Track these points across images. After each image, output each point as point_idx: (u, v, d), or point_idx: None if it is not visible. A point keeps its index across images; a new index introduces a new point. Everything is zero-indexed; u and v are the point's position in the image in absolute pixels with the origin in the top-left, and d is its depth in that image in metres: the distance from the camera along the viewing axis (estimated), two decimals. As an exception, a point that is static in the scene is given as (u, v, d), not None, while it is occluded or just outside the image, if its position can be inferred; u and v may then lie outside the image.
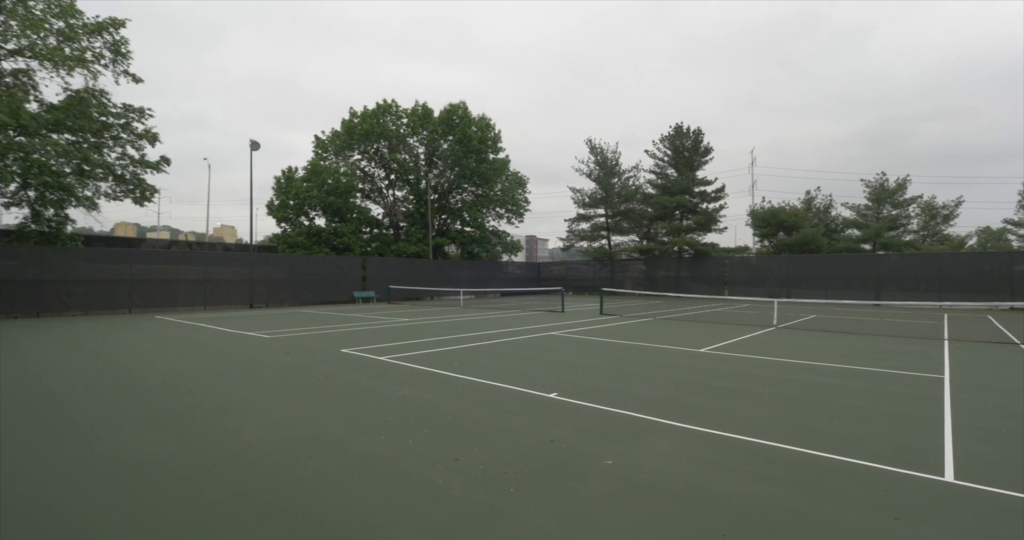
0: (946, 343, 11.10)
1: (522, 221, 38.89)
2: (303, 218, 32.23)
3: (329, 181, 30.94)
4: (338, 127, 34.81)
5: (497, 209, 37.75)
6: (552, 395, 6.11)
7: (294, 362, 8.40)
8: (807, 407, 5.64)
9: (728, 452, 4.20)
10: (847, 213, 35.85)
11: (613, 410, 5.45)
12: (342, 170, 32.35)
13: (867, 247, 33.18)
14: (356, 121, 34.03)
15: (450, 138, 34.58)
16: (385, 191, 36.98)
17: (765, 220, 34.79)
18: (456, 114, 34.61)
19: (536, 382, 6.81)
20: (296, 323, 15.18)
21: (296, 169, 32.56)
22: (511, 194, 37.38)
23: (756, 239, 37.17)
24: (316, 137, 35.10)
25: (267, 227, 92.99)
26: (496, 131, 36.01)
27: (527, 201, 38.60)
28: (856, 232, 34.13)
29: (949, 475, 3.72)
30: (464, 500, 3.29)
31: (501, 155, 36.61)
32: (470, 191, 37.11)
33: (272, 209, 31.80)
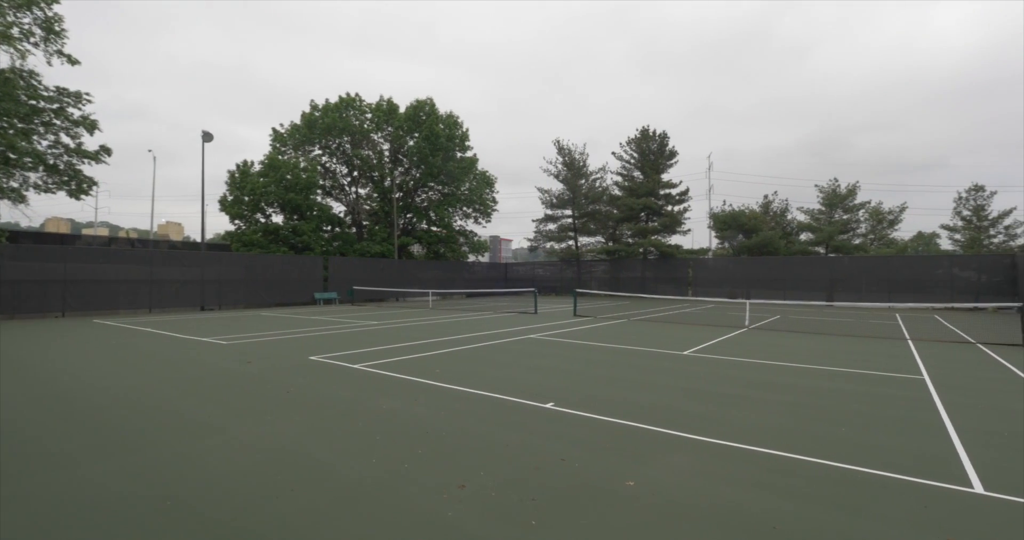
0: (910, 343, 11.49)
1: (489, 221, 38.46)
2: (259, 215, 30.58)
3: (288, 176, 29.48)
4: (296, 121, 33.31)
5: (464, 208, 37.13)
6: (549, 405, 5.75)
7: (258, 372, 7.68)
8: (808, 412, 5.52)
9: (750, 466, 3.95)
10: (802, 217, 37.42)
11: (616, 421, 5.14)
12: (302, 165, 30.92)
13: (820, 250, 34.68)
14: (317, 115, 32.65)
15: (416, 135, 33.70)
16: (348, 188, 35.70)
17: (726, 222, 35.76)
18: (423, 110, 33.78)
19: (528, 391, 6.43)
20: (255, 327, 14.20)
21: (252, 163, 30.87)
22: (479, 193, 36.84)
23: (717, 241, 38.22)
24: (274, 130, 33.47)
25: (218, 224, 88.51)
26: (464, 129, 35.41)
27: (495, 201, 38.18)
28: (810, 235, 35.59)
29: (978, 486, 3.60)
30: (483, 537, 2.87)
31: (468, 153, 36.05)
32: (436, 190, 36.33)
33: (225, 205, 29.99)
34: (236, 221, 30.21)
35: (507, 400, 5.98)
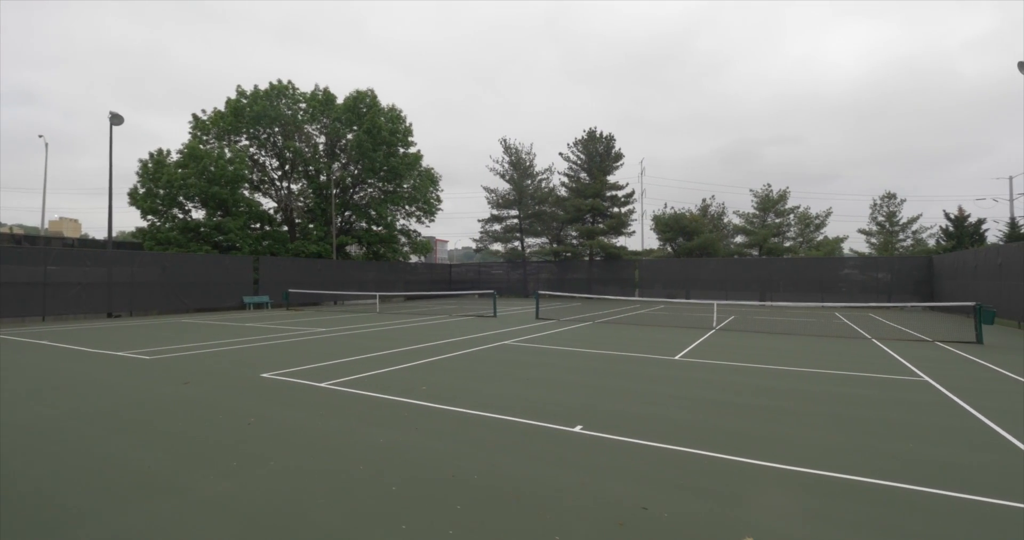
0: (876, 342, 11.81)
1: (433, 220, 36.97)
2: (176, 210, 27.33)
3: (211, 168, 26.52)
4: (220, 109, 30.12)
5: (407, 207, 35.41)
6: (577, 429, 4.91)
7: (202, 396, 6.22)
8: (857, 425, 5.08)
9: (863, 503, 3.33)
10: (737, 220, 39.28)
11: (666, 447, 4.41)
12: (228, 156, 27.97)
13: (754, 252, 36.52)
14: (245, 102, 29.73)
15: (355, 128, 31.66)
16: (279, 183, 32.86)
17: (668, 225, 36.74)
18: (363, 102, 31.78)
19: (544, 411, 5.55)
20: (181, 337, 12.20)
21: (168, 152, 27.55)
22: (423, 191, 35.29)
23: (659, 243, 39.21)
24: (195, 116, 30.06)
25: (125, 221, 79.26)
26: (407, 124, 33.79)
27: (439, 199, 36.77)
28: (745, 238, 37.39)
29: (1115, 514, 3.19)
30: None
31: (412, 149, 34.42)
32: (377, 187, 34.37)
33: (136, 198, 26.46)
34: (149, 216, 26.81)
35: (525, 424, 5.08)
